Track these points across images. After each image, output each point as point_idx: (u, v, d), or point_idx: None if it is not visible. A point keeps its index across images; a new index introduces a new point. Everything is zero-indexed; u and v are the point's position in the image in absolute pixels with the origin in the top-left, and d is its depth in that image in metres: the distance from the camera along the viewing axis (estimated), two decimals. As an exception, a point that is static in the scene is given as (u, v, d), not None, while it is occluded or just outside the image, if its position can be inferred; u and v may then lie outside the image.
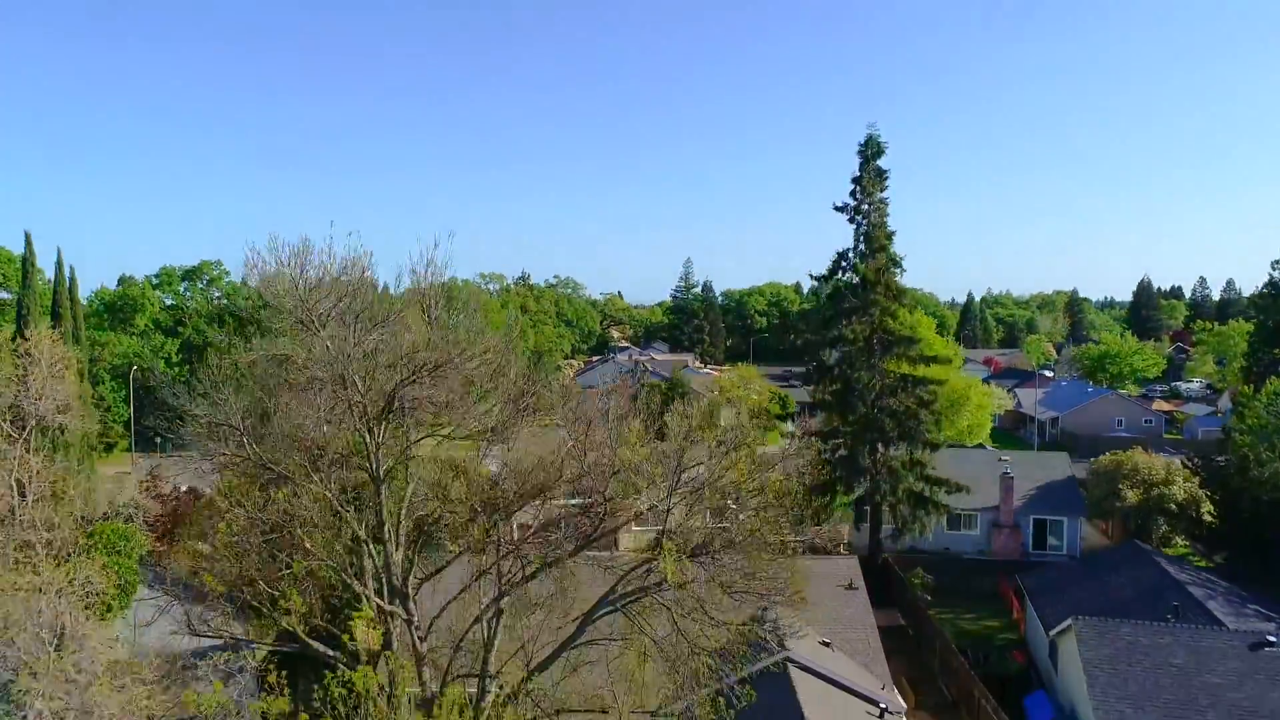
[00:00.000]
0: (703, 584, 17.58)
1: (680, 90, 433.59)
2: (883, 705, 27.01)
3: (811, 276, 45.90)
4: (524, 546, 18.91)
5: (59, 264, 48.34)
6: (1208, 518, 46.11)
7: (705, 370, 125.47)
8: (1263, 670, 27.12)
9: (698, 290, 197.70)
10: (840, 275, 45.90)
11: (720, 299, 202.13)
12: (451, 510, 17.84)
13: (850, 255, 45.61)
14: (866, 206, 45.20)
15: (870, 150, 45.19)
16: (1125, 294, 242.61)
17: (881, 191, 45.28)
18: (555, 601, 22.58)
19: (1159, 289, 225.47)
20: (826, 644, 30.00)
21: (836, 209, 45.71)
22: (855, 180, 45.70)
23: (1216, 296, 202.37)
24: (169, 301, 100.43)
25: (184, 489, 45.48)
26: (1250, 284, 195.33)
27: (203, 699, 12.72)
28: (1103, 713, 26.51)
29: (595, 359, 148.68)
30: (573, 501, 21.31)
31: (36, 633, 13.34)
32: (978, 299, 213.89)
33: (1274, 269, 76.12)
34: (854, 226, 45.78)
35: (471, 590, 21.02)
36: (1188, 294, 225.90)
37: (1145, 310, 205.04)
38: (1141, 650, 28.34)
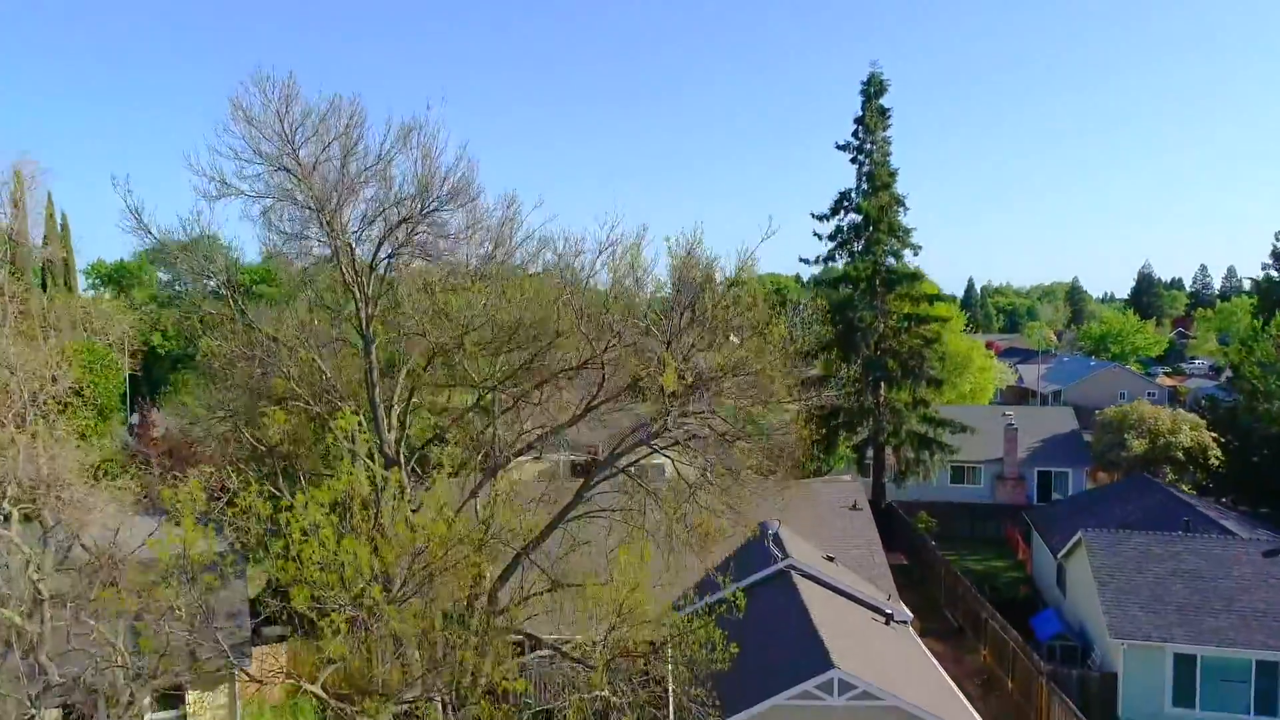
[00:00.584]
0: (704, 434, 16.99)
1: (683, 76, 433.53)
2: (889, 611, 26.38)
3: (813, 215, 45.17)
4: (522, 411, 18.28)
5: (49, 209, 47.47)
6: (1214, 462, 45.44)
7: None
8: (1277, 575, 26.52)
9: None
10: (842, 215, 45.25)
11: (720, 287, 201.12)
12: (448, 344, 17.20)
13: (853, 195, 44.98)
14: (869, 145, 44.60)
15: (873, 88, 44.59)
16: (1124, 291, 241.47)
17: (884, 130, 44.69)
18: (553, 494, 22.02)
19: (1159, 279, 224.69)
20: (830, 559, 29.36)
21: (839, 147, 45.14)
22: (858, 120, 45.09)
23: (1218, 285, 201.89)
24: (165, 277, 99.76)
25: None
26: (1253, 270, 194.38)
27: (180, 494, 12.03)
28: (1114, 618, 25.89)
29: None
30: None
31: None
32: (979, 287, 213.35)
33: (1278, 240, 75.46)
34: (856, 166, 45.21)
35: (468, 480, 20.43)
36: (1188, 285, 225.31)
37: (1146, 298, 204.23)
38: (1153, 558, 27.74)
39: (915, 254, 44.97)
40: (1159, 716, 24.83)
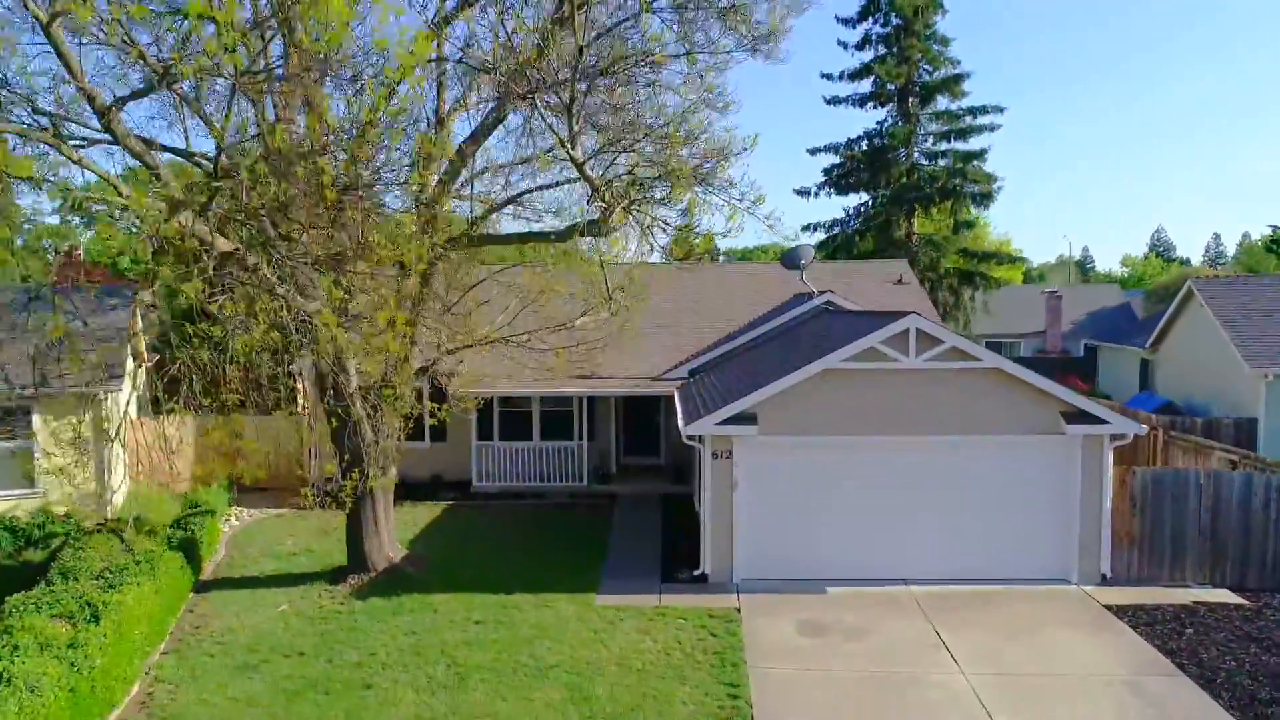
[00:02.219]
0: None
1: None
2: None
3: (839, 20, 39.53)
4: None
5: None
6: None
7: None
8: None
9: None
10: (871, 23, 39.62)
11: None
12: None
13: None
14: (901, -60, 39.09)
15: (905, -123, 39.10)
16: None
17: (918, -81, 39.16)
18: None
19: (1171, 244, 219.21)
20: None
21: (865, -54, 39.61)
22: (887, -81, 39.63)
23: (1231, 252, 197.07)
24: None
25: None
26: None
27: None
28: (1250, 349, 20.35)
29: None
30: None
31: None
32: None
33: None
34: (885, -29, 39.70)
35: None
36: (1200, 259, 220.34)
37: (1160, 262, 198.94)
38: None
39: (954, 68, 39.35)
40: (1312, 467, 19.23)
